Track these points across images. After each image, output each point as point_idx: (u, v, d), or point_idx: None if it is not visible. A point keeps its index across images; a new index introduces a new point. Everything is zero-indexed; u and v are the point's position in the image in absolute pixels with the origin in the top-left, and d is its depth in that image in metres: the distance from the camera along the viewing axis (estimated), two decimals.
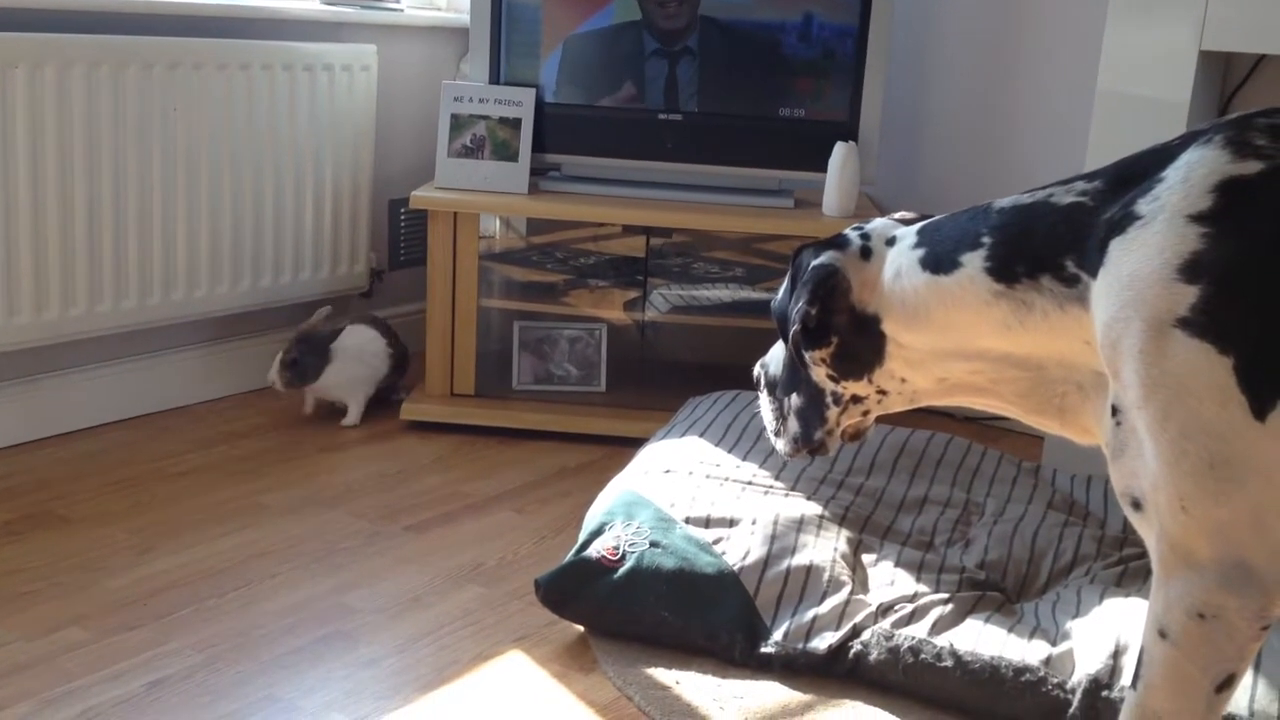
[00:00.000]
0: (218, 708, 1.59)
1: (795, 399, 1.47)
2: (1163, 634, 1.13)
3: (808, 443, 1.48)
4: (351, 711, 1.60)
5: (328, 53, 2.73)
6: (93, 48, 2.31)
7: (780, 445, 1.53)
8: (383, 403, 2.73)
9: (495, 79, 2.70)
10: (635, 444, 2.31)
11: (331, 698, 1.63)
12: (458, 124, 2.67)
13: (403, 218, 3.08)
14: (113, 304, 2.44)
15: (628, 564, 1.79)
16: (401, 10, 2.96)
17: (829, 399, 1.44)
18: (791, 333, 1.37)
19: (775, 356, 1.54)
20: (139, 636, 1.75)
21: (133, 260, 2.46)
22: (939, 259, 1.31)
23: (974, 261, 1.27)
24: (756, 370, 1.57)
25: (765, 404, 1.54)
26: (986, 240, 1.27)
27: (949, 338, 1.32)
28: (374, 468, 2.43)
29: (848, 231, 1.43)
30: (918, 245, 1.34)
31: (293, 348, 2.56)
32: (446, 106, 2.67)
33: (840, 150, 2.56)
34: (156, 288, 2.51)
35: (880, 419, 1.50)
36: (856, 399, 1.43)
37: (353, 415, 2.65)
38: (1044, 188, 1.28)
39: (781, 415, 1.51)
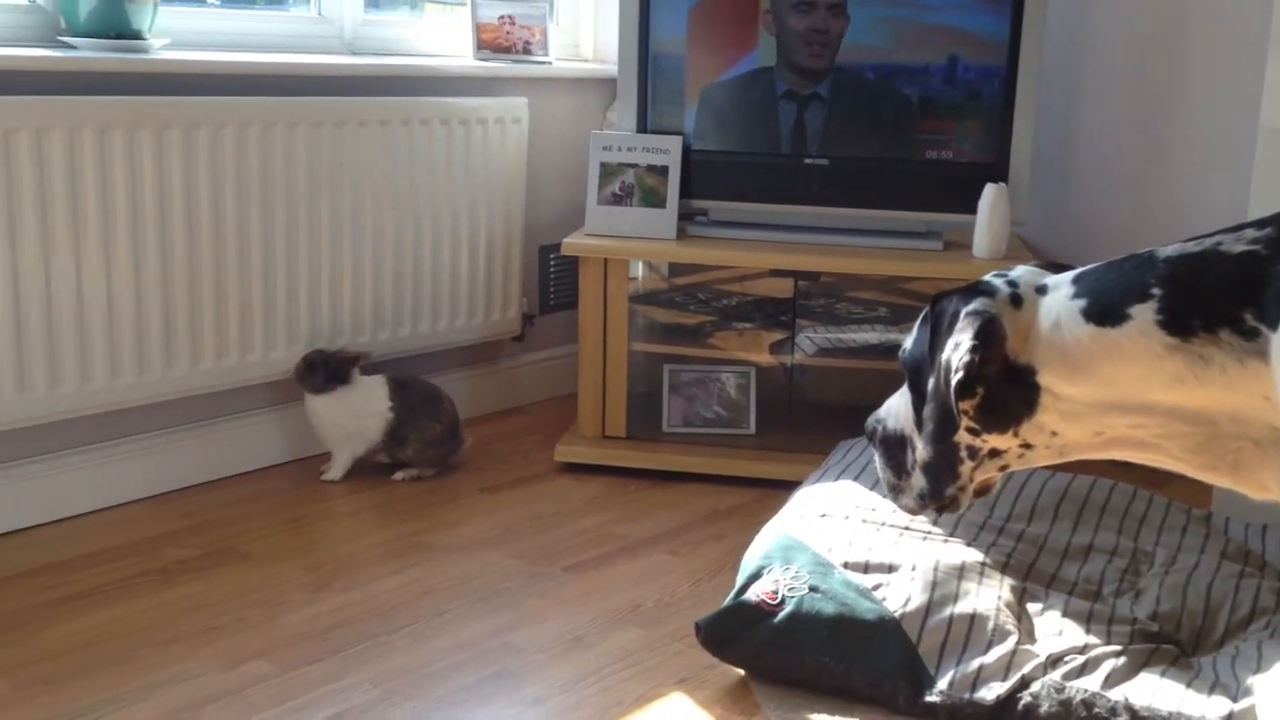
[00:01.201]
0: None
1: (922, 453, 1.44)
2: None
3: (936, 499, 1.44)
4: None
5: (482, 107, 2.83)
6: (267, 110, 2.44)
7: (903, 502, 1.48)
8: (378, 466, 2.65)
9: (642, 127, 2.76)
10: (785, 486, 2.32)
11: None
12: (607, 172, 2.74)
13: (552, 263, 3.16)
14: (285, 350, 2.56)
15: (787, 608, 1.80)
16: (550, 63, 3.05)
17: (964, 453, 1.40)
18: (955, 382, 1.33)
19: (892, 409, 1.51)
20: (319, 670, 1.83)
21: (304, 309, 2.59)
22: (1104, 310, 1.28)
23: (1144, 314, 1.25)
24: (870, 424, 1.53)
25: (881, 460, 1.52)
26: (1156, 291, 1.25)
27: (1114, 391, 1.29)
28: (531, 509, 2.49)
29: (991, 279, 1.39)
30: (1077, 295, 1.32)
31: (324, 355, 2.54)
32: (596, 155, 2.74)
33: (990, 192, 2.55)
34: (325, 336, 2.63)
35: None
36: (995, 453, 1.39)
37: (333, 469, 2.58)
38: (1210, 235, 1.26)
39: (904, 470, 1.48)
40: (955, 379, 1.32)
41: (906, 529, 1.96)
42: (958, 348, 1.33)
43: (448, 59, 2.90)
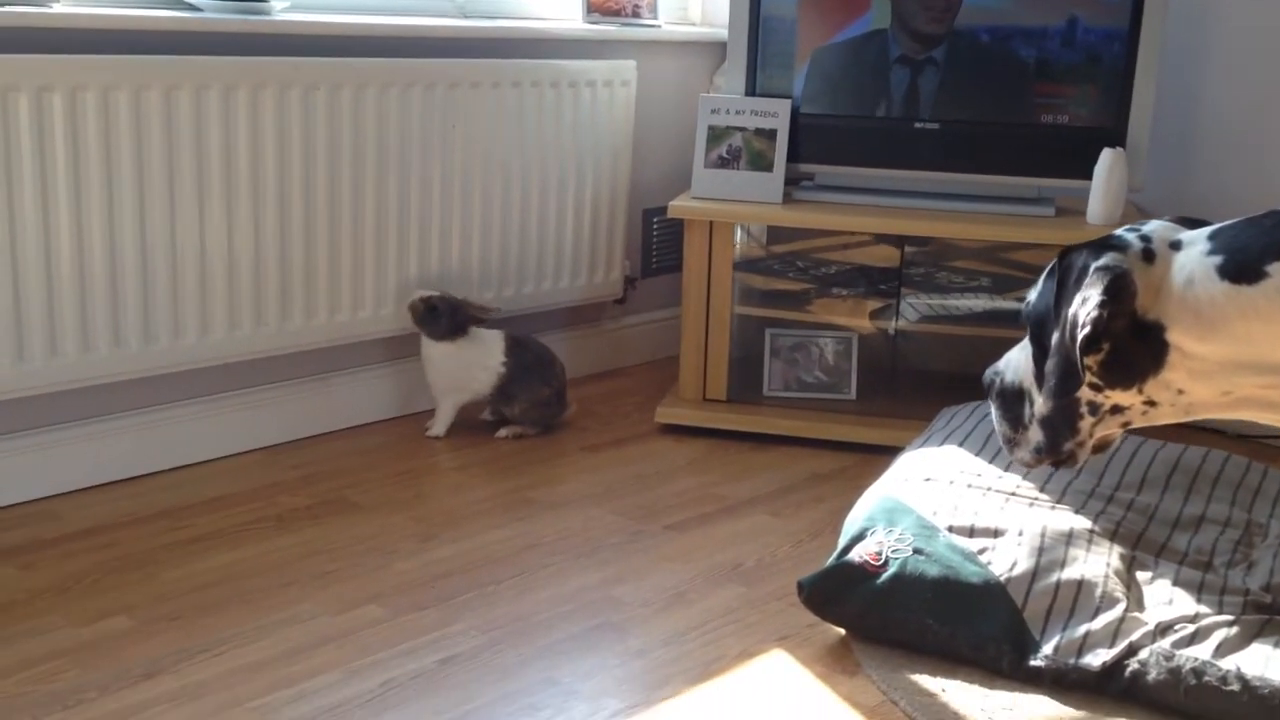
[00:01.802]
0: (503, 686, 1.70)
1: (1040, 407, 1.43)
2: None
3: (1054, 453, 1.43)
4: (625, 698, 1.68)
5: (590, 69, 2.85)
6: (383, 71, 2.49)
7: (1019, 455, 1.48)
8: (481, 424, 2.68)
9: (751, 90, 2.75)
10: (886, 451, 2.31)
11: (606, 684, 1.72)
12: (714, 135, 2.74)
13: (656, 227, 3.18)
14: (395, 307, 2.62)
15: (891, 570, 1.80)
16: (659, 26, 3.06)
17: (1084, 408, 1.38)
18: (1082, 337, 1.31)
19: (1011, 362, 1.50)
20: (429, 617, 1.88)
21: (413, 267, 2.64)
22: (1241, 268, 1.26)
23: None
24: (988, 376, 1.52)
25: (997, 412, 1.51)
26: None
27: (1247, 350, 1.27)
28: (632, 469, 2.52)
29: (1123, 233, 1.38)
30: (1213, 252, 1.30)
31: (450, 303, 2.55)
32: (703, 118, 2.74)
33: (1107, 157, 2.49)
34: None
35: (1147, 433, 1.45)
36: (1118, 409, 1.38)
37: (437, 424, 2.61)
38: None
39: (1021, 424, 1.47)
40: (1082, 334, 1.30)
41: (1013, 494, 1.95)
42: (1086, 302, 1.31)
43: (557, 22, 2.92)
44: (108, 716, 1.59)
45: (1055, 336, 1.38)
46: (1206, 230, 1.34)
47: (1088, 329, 1.31)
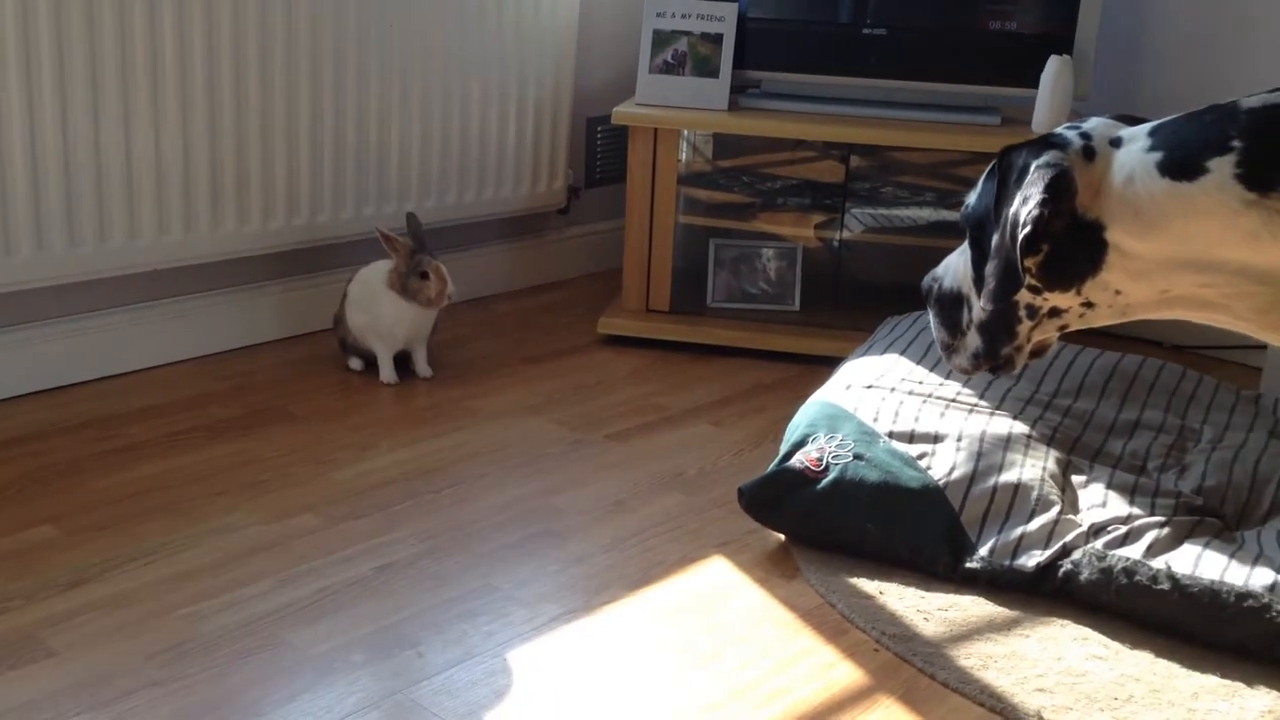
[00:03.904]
0: (441, 593, 1.68)
1: (979, 311, 1.40)
2: None
3: (991, 359, 1.41)
4: (564, 604, 1.67)
5: None
6: None
7: (957, 361, 1.45)
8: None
9: None
10: (828, 362, 2.31)
11: (545, 590, 1.71)
12: (659, 39, 2.68)
13: (600, 136, 3.12)
14: (331, 215, 2.55)
15: (831, 475, 1.80)
16: None
17: (1022, 311, 1.36)
18: (1022, 237, 1.28)
19: (950, 267, 1.47)
20: (365, 525, 1.86)
21: (350, 173, 2.57)
22: (1181, 164, 1.24)
23: (1222, 168, 1.21)
24: (926, 282, 1.50)
25: (935, 319, 1.49)
26: (1237, 144, 1.21)
27: (1185, 248, 1.26)
28: (573, 379, 2.50)
29: (1063, 130, 1.34)
30: (1153, 148, 1.27)
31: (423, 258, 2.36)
32: (649, 22, 2.67)
33: (1054, 64, 2.47)
34: (372, 200, 2.62)
35: (1085, 341, 1.43)
36: (1056, 312, 1.36)
37: (389, 370, 2.40)
38: None
39: (959, 329, 1.45)
40: (1023, 234, 1.27)
41: (952, 401, 1.95)
42: (1026, 202, 1.28)
43: None
44: (34, 625, 1.56)
45: (995, 238, 1.36)
46: (1147, 127, 1.31)
47: (1029, 228, 1.28)
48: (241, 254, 2.46)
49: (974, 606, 1.66)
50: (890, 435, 1.86)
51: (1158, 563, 1.60)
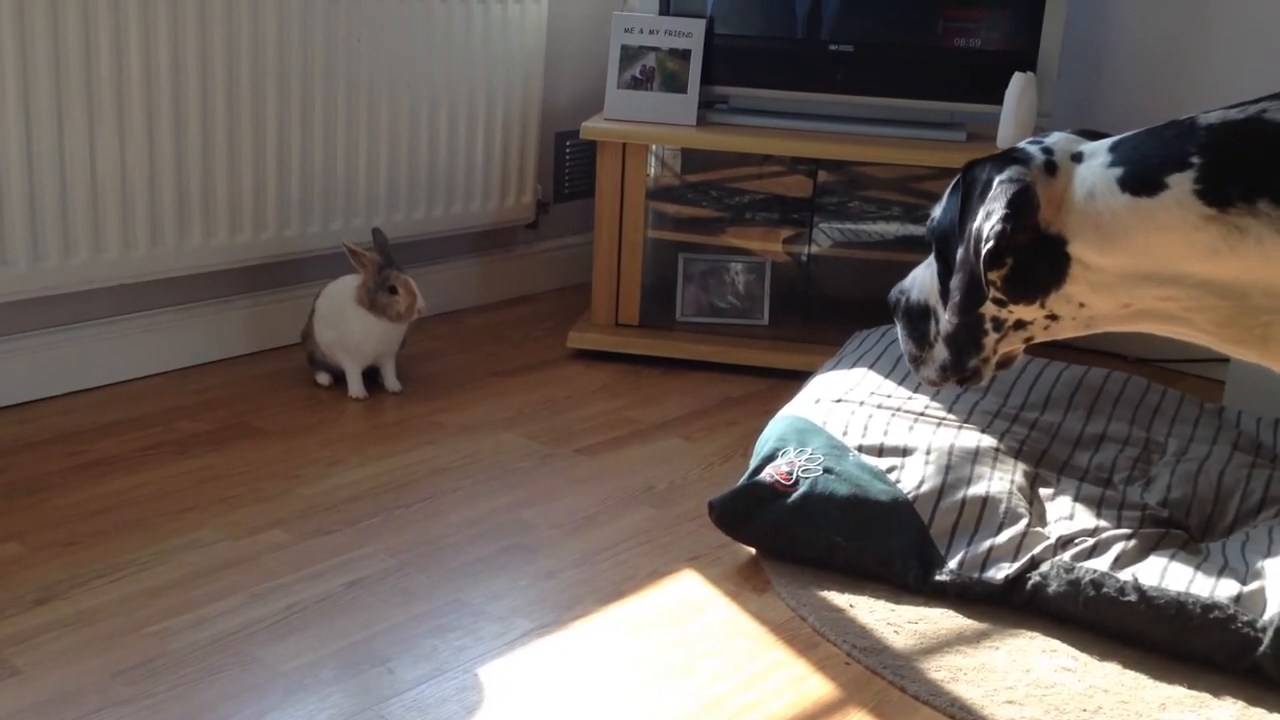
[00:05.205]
0: (412, 608, 1.67)
1: (945, 324, 1.42)
2: None
3: (959, 370, 1.42)
4: (536, 618, 1.67)
5: None
6: None
7: (925, 373, 1.46)
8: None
9: (665, 9, 2.70)
10: (798, 376, 2.32)
11: (516, 604, 1.70)
12: (627, 55, 2.69)
13: (568, 150, 3.12)
14: (299, 229, 2.54)
15: (801, 489, 1.81)
16: None
17: (988, 324, 1.38)
18: (985, 252, 1.30)
19: (917, 280, 1.48)
20: (334, 540, 1.85)
21: (318, 187, 2.56)
22: (1141, 179, 1.26)
23: (1182, 183, 1.23)
24: (894, 295, 1.51)
25: (903, 331, 1.50)
26: (1196, 160, 1.22)
27: (1146, 262, 1.27)
28: (542, 393, 2.50)
29: (1026, 145, 1.36)
30: (1114, 164, 1.29)
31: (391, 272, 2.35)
32: (617, 37, 2.69)
33: (1018, 81, 2.50)
34: (340, 215, 2.61)
35: (1052, 355, 1.45)
36: (1021, 324, 1.37)
37: (358, 386, 2.39)
38: (1254, 102, 1.23)
39: (926, 342, 1.46)
40: (986, 249, 1.29)
41: (921, 415, 1.96)
42: (989, 216, 1.30)
43: None
44: None
45: (960, 252, 1.37)
46: (1108, 142, 1.33)
47: (991, 243, 1.29)
48: (209, 268, 2.44)
49: (944, 619, 1.67)
50: (860, 449, 1.87)
51: (1125, 574, 1.61)
